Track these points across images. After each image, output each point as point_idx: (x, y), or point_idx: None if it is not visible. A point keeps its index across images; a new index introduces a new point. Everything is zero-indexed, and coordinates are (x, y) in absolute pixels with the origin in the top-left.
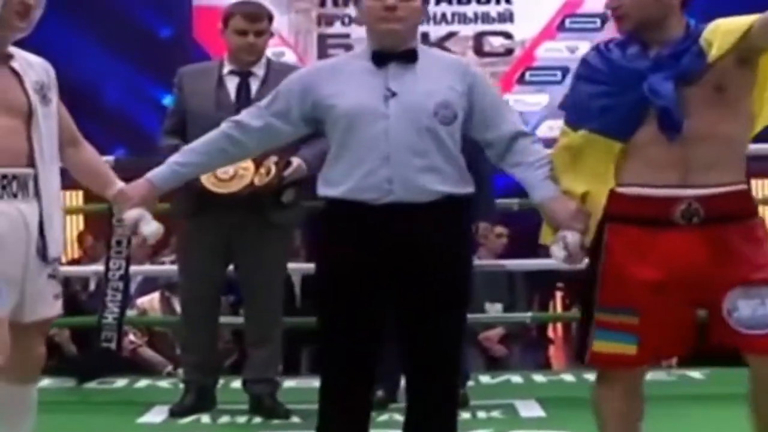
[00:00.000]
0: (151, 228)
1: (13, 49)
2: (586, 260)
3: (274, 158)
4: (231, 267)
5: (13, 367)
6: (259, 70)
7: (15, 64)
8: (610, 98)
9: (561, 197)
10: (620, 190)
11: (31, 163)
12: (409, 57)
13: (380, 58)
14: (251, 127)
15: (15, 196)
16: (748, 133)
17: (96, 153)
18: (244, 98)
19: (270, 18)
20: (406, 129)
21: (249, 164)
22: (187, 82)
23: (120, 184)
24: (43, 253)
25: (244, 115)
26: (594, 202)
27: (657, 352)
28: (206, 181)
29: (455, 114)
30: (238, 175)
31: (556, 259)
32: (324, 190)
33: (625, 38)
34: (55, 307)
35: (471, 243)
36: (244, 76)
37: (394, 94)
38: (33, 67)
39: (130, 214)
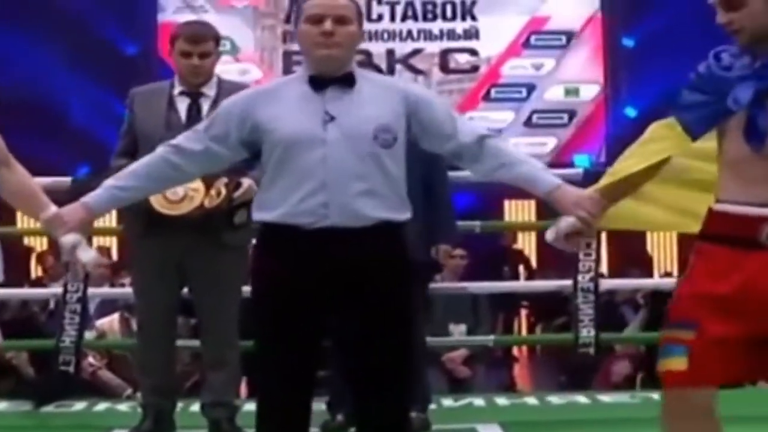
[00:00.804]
0: (90, 255)
1: None
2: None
3: (224, 179)
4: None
5: None
6: (210, 91)
7: None
8: (706, 106)
9: (564, 185)
10: (714, 207)
11: None
12: (347, 81)
13: (318, 83)
14: (190, 152)
15: None
16: None
17: (28, 174)
18: (195, 119)
19: (216, 39)
20: (346, 155)
21: (199, 185)
22: (138, 102)
23: (53, 208)
24: None
25: (182, 139)
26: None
27: (714, 372)
28: (155, 202)
29: (395, 137)
30: (188, 196)
31: (547, 238)
32: (259, 214)
33: (742, 48)
34: None
35: (409, 268)
36: (195, 96)
37: (332, 118)
38: None
39: (67, 239)
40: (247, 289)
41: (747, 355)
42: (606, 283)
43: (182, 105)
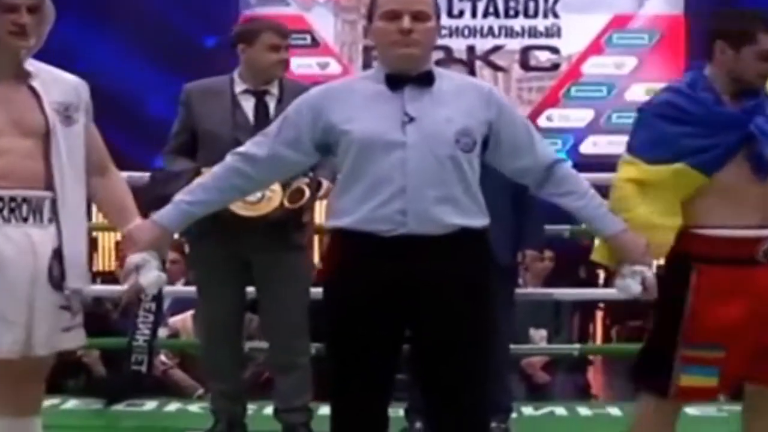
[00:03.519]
0: (150, 278)
1: (41, 66)
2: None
3: (304, 179)
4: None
5: (12, 402)
6: (274, 89)
7: (35, 83)
8: (702, 138)
9: (629, 231)
10: (705, 232)
11: (49, 186)
12: (426, 80)
13: (395, 82)
14: (259, 159)
15: (25, 220)
16: None
17: (123, 184)
18: (263, 118)
19: (291, 35)
20: (426, 158)
21: (276, 186)
22: (196, 100)
23: (133, 224)
24: (59, 282)
25: (250, 147)
26: (662, 237)
27: (735, 381)
28: (233, 205)
29: (475, 141)
30: (266, 197)
31: (628, 294)
32: (333, 220)
33: (692, 83)
34: (65, 341)
35: (489, 277)
36: (260, 95)
37: (412, 120)
38: (60, 85)
39: (132, 260)
40: (314, 290)
41: (750, 363)
42: None
43: (247, 104)
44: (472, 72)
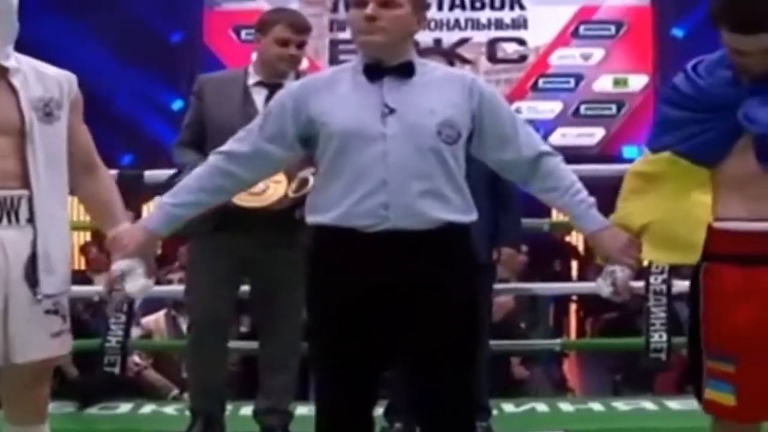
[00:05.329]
0: (137, 285)
1: (26, 61)
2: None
3: (311, 169)
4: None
5: (15, 410)
6: (289, 82)
7: (14, 79)
8: (699, 124)
9: (611, 228)
10: (717, 225)
11: (25, 185)
12: (406, 70)
13: (373, 72)
14: (243, 156)
15: None
16: None
17: (112, 183)
18: None
19: (310, 31)
20: (407, 150)
21: (281, 177)
22: (209, 91)
23: (121, 227)
24: (34, 288)
25: (233, 144)
26: (659, 231)
27: (763, 408)
28: (236, 197)
29: (459, 133)
30: (270, 188)
31: (601, 294)
32: (313, 216)
33: (716, 61)
34: (54, 347)
35: (476, 274)
36: (273, 88)
37: (392, 111)
38: (44, 81)
39: (118, 266)
40: None
41: None
42: (680, 285)
43: (259, 96)
44: (450, 64)
